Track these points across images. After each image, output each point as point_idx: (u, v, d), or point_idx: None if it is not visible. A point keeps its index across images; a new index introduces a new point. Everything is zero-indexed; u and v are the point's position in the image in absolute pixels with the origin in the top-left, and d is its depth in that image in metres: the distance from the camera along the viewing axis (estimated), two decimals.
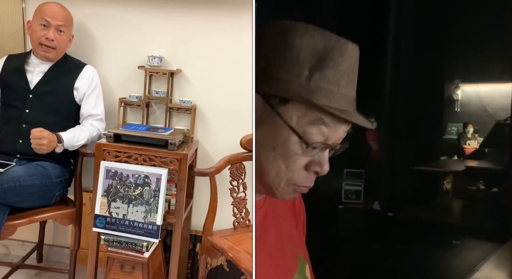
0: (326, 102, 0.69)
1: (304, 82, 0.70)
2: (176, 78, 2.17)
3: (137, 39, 2.17)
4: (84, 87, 2.02)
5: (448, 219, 1.07)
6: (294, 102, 0.70)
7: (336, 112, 0.69)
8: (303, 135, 0.70)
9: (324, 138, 0.72)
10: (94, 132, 2.00)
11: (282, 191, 0.75)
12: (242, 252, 1.71)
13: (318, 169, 0.73)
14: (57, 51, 1.97)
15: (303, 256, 0.88)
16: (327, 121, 0.70)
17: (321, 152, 0.73)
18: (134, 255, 1.81)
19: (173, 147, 1.82)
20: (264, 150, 0.74)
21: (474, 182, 1.08)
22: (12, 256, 2.37)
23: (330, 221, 1.09)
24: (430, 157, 1.09)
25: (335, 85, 0.70)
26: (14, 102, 1.97)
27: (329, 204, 1.10)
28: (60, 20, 1.95)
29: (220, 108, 2.16)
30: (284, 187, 0.75)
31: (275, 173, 0.74)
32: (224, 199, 1.92)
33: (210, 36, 2.12)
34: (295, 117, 0.71)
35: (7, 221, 1.74)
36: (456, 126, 1.10)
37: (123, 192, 1.80)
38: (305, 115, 0.70)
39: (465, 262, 1.02)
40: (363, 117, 0.74)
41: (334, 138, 0.73)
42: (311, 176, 0.74)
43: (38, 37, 1.93)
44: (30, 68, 2.00)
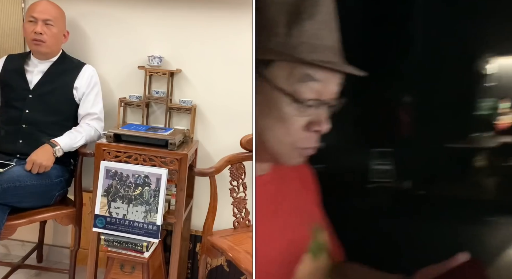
0: (309, 56, 0.68)
1: (284, 40, 0.69)
2: (176, 78, 2.17)
3: (137, 39, 2.17)
4: (84, 86, 2.02)
5: (480, 196, 1.05)
6: (278, 62, 0.70)
7: (321, 64, 0.68)
8: (294, 94, 0.69)
9: (316, 94, 0.71)
10: (91, 132, 2.00)
11: (287, 156, 0.75)
12: (242, 252, 1.71)
13: (317, 127, 0.72)
14: (47, 45, 1.96)
15: (318, 224, 0.88)
16: (315, 75, 0.70)
17: (317, 110, 0.72)
18: (134, 255, 1.81)
19: (173, 147, 1.82)
20: (262, 118, 0.73)
21: (508, 158, 1.05)
22: (12, 256, 2.37)
23: (358, 201, 1.09)
24: (461, 133, 1.06)
25: (316, 38, 0.69)
26: (14, 102, 1.97)
27: (357, 183, 1.10)
28: (47, 14, 1.95)
29: (220, 108, 2.16)
30: (288, 151, 0.74)
31: (277, 138, 0.73)
32: (224, 199, 1.92)
33: (210, 36, 2.12)
34: (283, 78, 0.70)
35: (7, 221, 1.74)
36: (488, 101, 1.05)
37: (123, 192, 1.80)
38: (291, 74, 0.70)
39: (499, 238, 1.01)
40: (352, 67, 0.72)
41: (326, 93, 0.72)
42: (313, 136, 0.73)
43: (28, 33, 1.94)
44: (30, 68, 2.00)
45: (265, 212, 0.78)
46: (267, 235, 0.77)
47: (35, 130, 1.94)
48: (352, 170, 1.07)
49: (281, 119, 0.72)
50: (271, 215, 0.79)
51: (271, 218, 0.78)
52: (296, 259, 0.80)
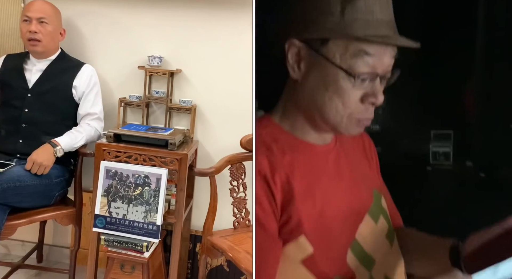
0: (362, 32, 0.73)
1: (338, 18, 0.74)
2: (176, 78, 2.17)
3: (137, 39, 2.17)
4: (83, 86, 2.02)
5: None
6: (333, 40, 0.75)
7: (374, 39, 0.73)
8: (349, 69, 0.74)
9: (370, 68, 0.75)
10: (91, 132, 2.00)
11: (345, 127, 0.80)
12: (242, 252, 1.71)
13: (373, 99, 0.77)
14: (43, 43, 1.96)
15: (378, 190, 0.94)
16: (369, 50, 0.74)
17: (372, 83, 0.77)
18: (134, 255, 1.81)
19: (173, 147, 1.82)
20: (319, 92, 0.78)
21: None
22: (12, 256, 2.37)
23: (418, 183, 1.10)
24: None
25: (369, 13, 0.74)
26: (13, 101, 1.97)
27: (416, 165, 1.11)
28: (41, 12, 1.95)
29: (220, 108, 2.16)
30: (346, 122, 0.79)
31: (334, 110, 0.78)
32: (224, 199, 1.92)
33: (210, 36, 2.12)
34: (338, 54, 0.75)
35: (7, 221, 1.74)
36: None
37: (123, 192, 1.80)
38: (346, 50, 0.74)
39: None
40: (407, 39, 0.76)
41: (381, 66, 0.76)
42: (369, 107, 0.78)
43: (24, 33, 1.95)
44: (29, 67, 2.00)
45: (327, 176, 0.84)
46: (331, 195, 0.82)
47: (34, 130, 1.94)
48: (410, 144, 1.09)
49: (338, 93, 0.76)
50: (333, 178, 0.85)
51: (334, 181, 0.84)
52: (358, 219, 0.86)
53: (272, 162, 0.78)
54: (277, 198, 0.77)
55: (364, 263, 0.84)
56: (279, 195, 0.77)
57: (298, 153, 0.82)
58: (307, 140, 0.85)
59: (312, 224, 0.78)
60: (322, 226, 0.80)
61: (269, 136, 0.82)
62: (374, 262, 0.85)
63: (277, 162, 0.78)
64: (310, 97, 0.80)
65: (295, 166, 0.80)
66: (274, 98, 0.88)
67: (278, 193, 0.77)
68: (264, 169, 0.76)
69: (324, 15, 0.75)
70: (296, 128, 0.84)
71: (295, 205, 0.78)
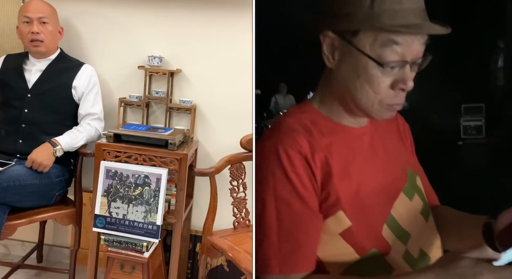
0: (390, 22, 0.77)
1: (368, 9, 0.78)
2: (176, 78, 2.17)
3: (137, 39, 2.17)
4: (83, 86, 2.02)
5: None
6: (363, 31, 0.79)
7: (401, 29, 0.77)
8: (378, 58, 0.78)
9: (399, 56, 0.79)
10: (92, 132, 2.00)
11: (377, 112, 0.84)
12: (242, 252, 1.71)
13: (402, 86, 0.81)
14: (46, 44, 1.96)
15: (413, 169, 0.98)
16: (397, 39, 0.78)
17: (401, 70, 0.80)
18: (134, 255, 1.81)
19: (173, 147, 1.82)
20: (351, 80, 0.83)
21: None
22: (12, 256, 2.37)
23: (450, 158, 1.11)
24: None
25: (397, 3, 0.77)
26: (13, 102, 1.97)
27: (447, 140, 1.11)
28: (40, 12, 1.95)
29: (220, 108, 2.16)
30: (377, 108, 0.83)
31: (366, 97, 0.82)
32: (224, 199, 1.92)
33: (210, 36, 2.12)
34: (368, 44, 0.79)
35: (7, 221, 1.74)
36: None
37: (123, 192, 1.80)
38: (375, 40, 0.78)
39: None
40: (438, 25, 0.79)
41: (410, 54, 0.80)
42: (399, 93, 0.82)
43: (25, 34, 1.94)
44: (28, 67, 2.00)
45: (363, 156, 0.89)
46: (367, 174, 0.88)
47: (34, 130, 1.94)
48: (443, 124, 1.09)
49: (368, 80, 0.81)
50: (368, 159, 0.90)
51: (369, 161, 0.89)
52: (392, 196, 0.91)
53: (312, 143, 0.83)
54: (317, 176, 0.82)
55: (400, 237, 0.88)
56: (319, 173, 0.82)
57: (335, 135, 0.88)
58: (344, 123, 0.90)
59: (350, 201, 0.84)
60: (359, 202, 0.85)
61: (308, 120, 0.87)
62: (409, 236, 0.90)
63: (316, 144, 0.84)
64: (343, 84, 0.85)
65: (333, 147, 0.86)
66: (310, 85, 0.95)
67: (318, 172, 0.82)
68: (304, 150, 0.82)
69: (354, 8, 0.79)
70: (333, 113, 0.90)
71: (333, 183, 0.83)
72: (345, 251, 0.84)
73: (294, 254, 0.80)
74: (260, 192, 0.82)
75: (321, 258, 0.84)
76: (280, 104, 1.31)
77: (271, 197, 0.81)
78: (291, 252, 0.79)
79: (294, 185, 0.80)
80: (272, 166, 0.81)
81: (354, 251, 0.84)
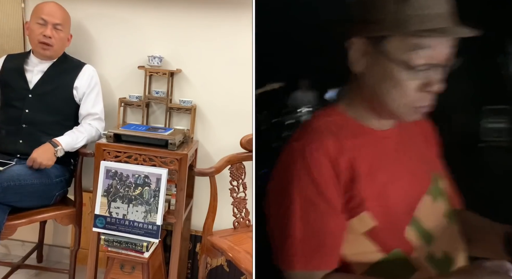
0: (417, 27, 0.78)
1: (395, 15, 0.79)
2: (176, 78, 2.17)
3: (137, 39, 2.17)
4: (84, 86, 2.02)
5: None
6: (390, 36, 0.81)
7: (427, 33, 0.78)
8: (404, 62, 0.80)
9: (427, 60, 0.80)
10: (92, 132, 2.00)
11: (403, 114, 0.86)
12: (242, 252, 1.71)
13: (429, 88, 0.82)
14: (54, 49, 1.97)
15: (437, 172, 0.99)
16: (424, 44, 0.79)
17: (429, 72, 0.81)
18: (134, 255, 1.81)
19: (173, 147, 1.82)
20: (378, 84, 0.85)
21: None
22: (12, 256, 2.37)
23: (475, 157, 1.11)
24: None
25: (424, 8, 0.79)
26: (13, 102, 1.97)
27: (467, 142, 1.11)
28: (57, 18, 1.96)
29: (220, 108, 2.16)
30: (403, 110, 0.85)
31: (392, 100, 0.84)
32: (224, 199, 1.92)
33: (210, 36, 2.12)
34: (394, 49, 0.81)
35: (7, 221, 1.74)
36: None
37: (123, 192, 1.80)
38: (402, 45, 0.80)
39: None
40: (467, 28, 0.80)
41: (437, 57, 0.81)
42: (426, 96, 0.83)
43: (36, 35, 1.94)
44: (30, 68, 2.00)
45: (388, 159, 0.91)
46: (391, 176, 0.89)
47: (35, 130, 1.94)
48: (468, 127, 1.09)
49: (394, 84, 0.82)
50: (393, 161, 0.91)
51: (394, 164, 0.91)
52: (416, 198, 0.92)
53: (338, 146, 0.86)
54: (342, 178, 0.85)
55: (423, 239, 0.90)
56: (344, 175, 0.85)
57: (362, 137, 0.90)
58: (370, 126, 0.92)
59: (374, 202, 0.86)
60: (383, 203, 0.87)
61: (335, 123, 0.90)
62: (433, 238, 0.91)
63: (343, 146, 0.86)
64: (370, 88, 0.87)
65: (359, 150, 0.88)
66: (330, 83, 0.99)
67: (344, 174, 0.85)
68: (331, 152, 0.85)
69: (382, 14, 0.81)
70: (360, 115, 0.92)
71: (358, 185, 0.85)
72: (369, 250, 0.86)
73: (318, 252, 0.83)
74: (286, 191, 0.85)
75: (344, 257, 0.87)
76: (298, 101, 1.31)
77: (296, 197, 0.84)
78: (315, 249, 0.83)
79: (319, 187, 0.83)
80: (298, 167, 0.84)
81: (378, 250, 0.86)
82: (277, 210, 0.87)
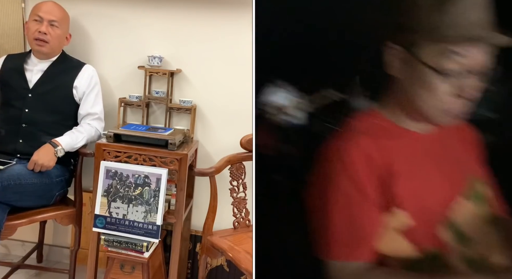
0: (451, 33, 0.81)
1: (430, 21, 0.82)
2: (176, 78, 2.17)
3: (137, 39, 2.17)
4: (84, 86, 2.02)
5: None
6: (425, 43, 0.84)
7: (461, 40, 0.81)
8: (436, 67, 0.83)
9: (460, 66, 0.82)
10: (92, 132, 2.00)
11: (436, 117, 0.89)
12: (242, 252, 1.71)
13: (462, 94, 0.84)
14: (50, 46, 1.97)
15: (477, 177, 1.00)
16: (458, 50, 0.81)
17: (462, 79, 0.83)
18: (134, 255, 1.81)
19: (173, 147, 1.82)
20: (412, 87, 0.88)
21: None
22: (12, 256, 2.37)
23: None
24: None
25: (459, 14, 0.80)
26: (13, 101, 1.97)
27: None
28: (53, 15, 1.96)
29: (220, 108, 2.16)
30: (435, 113, 0.88)
31: (424, 103, 0.87)
32: (224, 199, 1.92)
33: (210, 36, 2.12)
34: (429, 55, 0.83)
35: (7, 221, 1.74)
36: None
37: (123, 192, 1.80)
38: (434, 50, 0.83)
39: None
40: (505, 35, 0.81)
41: (471, 64, 0.82)
42: (458, 101, 0.85)
43: (32, 32, 1.95)
44: (29, 67, 2.00)
45: (424, 160, 0.94)
46: (427, 176, 0.92)
47: (35, 130, 1.94)
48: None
49: (426, 87, 0.85)
50: (430, 162, 0.94)
51: (430, 164, 0.94)
52: (451, 200, 0.94)
53: (375, 145, 0.90)
54: (379, 177, 0.89)
55: (459, 240, 0.92)
56: (381, 174, 0.89)
57: (399, 138, 0.94)
58: (408, 128, 0.95)
59: (410, 201, 0.89)
60: (418, 202, 0.90)
61: (374, 124, 0.95)
62: (469, 240, 0.93)
63: (379, 146, 0.90)
64: (405, 91, 0.90)
65: (396, 150, 0.92)
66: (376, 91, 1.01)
67: (381, 172, 0.89)
68: (369, 152, 0.89)
69: (416, 20, 0.84)
70: (397, 118, 0.95)
71: (395, 184, 0.88)
72: (404, 248, 0.89)
73: (353, 243, 0.88)
74: (324, 186, 0.89)
75: (382, 252, 0.90)
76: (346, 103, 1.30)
77: (335, 192, 0.88)
78: (351, 241, 0.88)
79: (357, 182, 0.88)
80: (338, 165, 0.88)
81: (413, 248, 0.89)
82: (318, 204, 0.91)
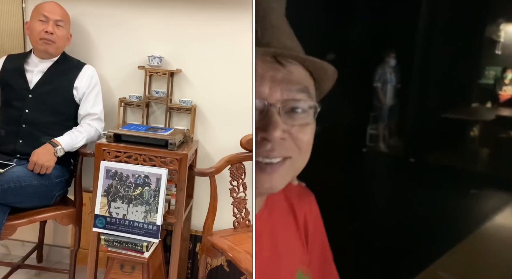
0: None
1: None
2: (176, 78, 2.17)
3: (137, 39, 2.17)
4: (84, 86, 2.02)
5: (469, 167, 1.04)
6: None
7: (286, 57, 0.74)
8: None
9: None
10: (92, 132, 2.00)
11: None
12: (242, 252, 1.72)
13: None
14: (57, 45, 1.98)
15: (304, 270, 0.91)
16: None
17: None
18: (134, 255, 1.81)
19: (173, 147, 1.82)
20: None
21: (505, 131, 1.02)
22: (12, 256, 2.37)
23: (353, 163, 1.09)
24: (460, 103, 1.03)
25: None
26: (13, 102, 1.97)
27: (355, 146, 1.10)
28: (59, 15, 1.98)
29: (220, 108, 2.16)
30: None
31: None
32: (224, 199, 1.92)
33: (210, 36, 2.12)
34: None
35: (7, 221, 1.74)
36: (494, 70, 1.01)
37: (123, 192, 1.80)
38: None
39: (481, 211, 1.01)
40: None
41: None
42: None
43: (38, 32, 1.95)
44: (30, 68, 2.00)
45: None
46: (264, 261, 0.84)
47: (35, 130, 1.94)
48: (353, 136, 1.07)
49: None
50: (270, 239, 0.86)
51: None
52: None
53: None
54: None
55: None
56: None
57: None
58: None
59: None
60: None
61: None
62: None
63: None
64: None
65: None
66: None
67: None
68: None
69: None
70: None
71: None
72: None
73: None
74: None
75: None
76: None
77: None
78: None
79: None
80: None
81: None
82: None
